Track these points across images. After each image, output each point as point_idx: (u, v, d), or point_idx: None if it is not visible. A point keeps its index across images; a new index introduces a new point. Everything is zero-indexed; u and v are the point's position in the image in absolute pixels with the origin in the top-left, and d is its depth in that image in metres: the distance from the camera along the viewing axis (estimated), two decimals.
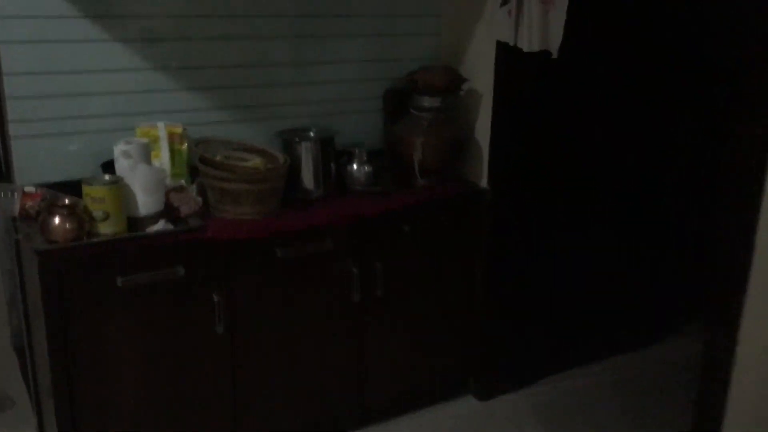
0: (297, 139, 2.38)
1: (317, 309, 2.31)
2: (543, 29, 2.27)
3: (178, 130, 2.23)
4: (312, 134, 2.44)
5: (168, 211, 2.08)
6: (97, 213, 1.93)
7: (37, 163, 2.17)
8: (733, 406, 1.87)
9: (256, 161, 2.23)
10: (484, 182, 2.58)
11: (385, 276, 2.38)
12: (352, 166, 2.45)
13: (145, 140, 2.12)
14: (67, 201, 1.94)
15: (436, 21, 2.72)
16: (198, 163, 2.19)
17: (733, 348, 1.82)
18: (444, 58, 2.72)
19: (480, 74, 2.54)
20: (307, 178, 2.37)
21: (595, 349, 3.06)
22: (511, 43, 2.35)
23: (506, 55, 2.40)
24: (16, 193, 2.04)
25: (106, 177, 2.01)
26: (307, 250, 2.22)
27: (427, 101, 2.51)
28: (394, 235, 2.39)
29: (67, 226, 1.87)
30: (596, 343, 3.05)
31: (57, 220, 1.87)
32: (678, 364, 3.01)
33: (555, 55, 2.25)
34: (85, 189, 1.93)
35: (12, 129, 2.13)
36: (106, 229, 1.94)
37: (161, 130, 2.20)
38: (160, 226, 2.02)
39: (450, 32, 2.70)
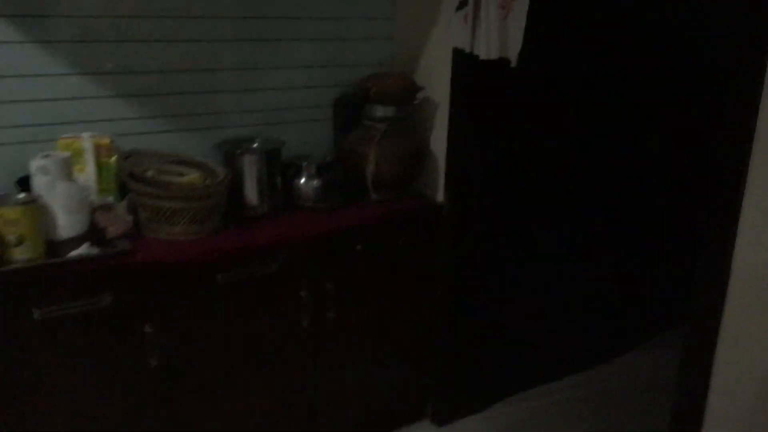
0: (239, 151, 2.19)
1: (264, 336, 2.13)
2: (501, 36, 2.13)
3: (106, 141, 2.01)
4: (256, 145, 2.26)
5: (93, 233, 1.87)
6: (10, 237, 1.71)
7: None
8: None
9: (193, 176, 2.04)
10: (440, 196, 2.44)
11: (338, 298, 2.22)
12: (300, 180, 2.28)
13: (65, 154, 1.90)
14: None
15: (389, 25, 2.56)
16: (127, 178, 1.99)
17: (709, 369, 1.73)
18: (398, 65, 2.57)
19: (436, 82, 2.40)
20: (251, 194, 2.18)
21: (556, 367, 2.95)
22: (468, 50, 2.21)
23: (463, 61, 2.27)
24: None
25: (21, 196, 1.78)
26: (251, 273, 2.04)
27: (380, 110, 2.35)
28: (346, 254, 2.23)
29: None
30: (558, 361, 2.95)
31: None
32: (640, 380, 2.94)
33: (514, 64, 2.12)
34: None
35: None
36: (20, 255, 1.72)
37: (86, 141, 1.98)
38: (84, 250, 1.81)
39: (404, 37, 2.55)
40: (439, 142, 2.42)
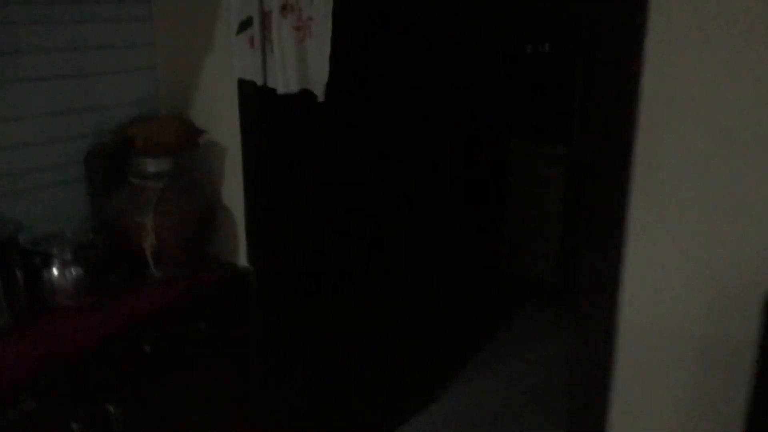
0: None
1: None
2: (300, 63, 1.73)
3: None
4: None
5: None
6: None
7: None
8: None
9: None
10: (243, 260, 1.98)
11: (126, 422, 1.66)
12: (52, 272, 1.67)
13: None
14: None
15: (149, 52, 2.02)
16: None
17: None
18: (167, 103, 2.04)
19: (222, 123, 1.93)
20: None
21: (410, 413, 2.68)
22: (260, 83, 1.78)
23: (256, 96, 1.83)
24: None
25: None
26: None
27: (152, 164, 1.83)
28: (130, 360, 1.69)
29: None
30: (409, 408, 2.68)
31: None
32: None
33: (321, 98, 1.73)
34: None
35: None
36: None
37: None
38: None
39: (171, 67, 2.02)
40: (232, 194, 1.96)
